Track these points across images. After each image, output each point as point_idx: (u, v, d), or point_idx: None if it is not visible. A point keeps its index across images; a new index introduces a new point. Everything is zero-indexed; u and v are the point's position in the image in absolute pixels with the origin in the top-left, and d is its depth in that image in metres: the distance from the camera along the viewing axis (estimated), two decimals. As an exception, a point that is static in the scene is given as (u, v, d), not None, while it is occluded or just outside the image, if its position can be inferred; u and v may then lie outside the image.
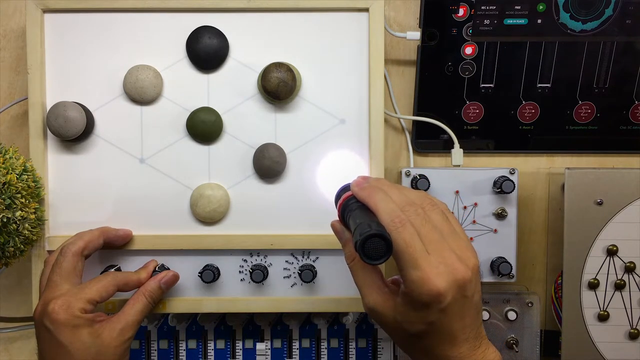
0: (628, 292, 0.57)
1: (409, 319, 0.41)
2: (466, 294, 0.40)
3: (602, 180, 0.56)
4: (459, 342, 0.41)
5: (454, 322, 0.40)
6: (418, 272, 0.39)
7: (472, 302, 0.41)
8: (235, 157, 0.56)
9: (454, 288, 0.39)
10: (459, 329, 0.41)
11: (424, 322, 0.40)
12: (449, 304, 0.39)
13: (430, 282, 0.38)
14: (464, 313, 0.40)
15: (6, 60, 0.61)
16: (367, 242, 0.40)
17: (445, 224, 0.42)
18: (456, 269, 0.39)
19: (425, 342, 0.41)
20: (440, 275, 0.39)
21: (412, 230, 0.40)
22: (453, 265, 0.39)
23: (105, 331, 0.47)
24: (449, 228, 0.42)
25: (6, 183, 0.49)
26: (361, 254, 0.40)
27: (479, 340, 0.42)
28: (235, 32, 0.55)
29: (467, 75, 0.61)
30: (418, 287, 0.39)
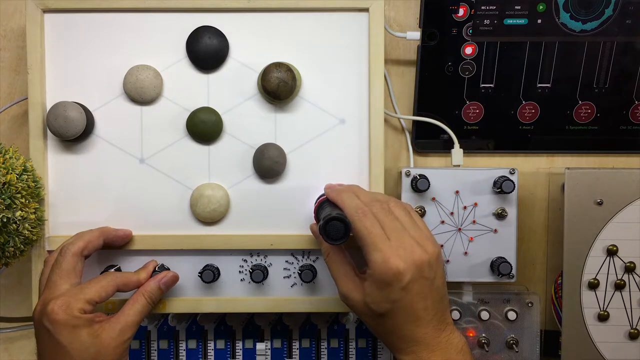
0: (628, 292, 0.57)
1: (375, 299, 0.44)
2: (425, 275, 0.44)
3: (602, 180, 0.56)
4: (423, 323, 0.44)
5: (415, 301, 0.44)
6: (379, 254, 0.44)
7: (432, 285, 0.45)
8: (235, 157, 0.56)
9: (412, 268, 0.43)
10: (421, 309, 0.44)
11: (388, 301, 0.44)
12: (409, 282, 0.43)
13: (390, 262, 0.43)
14: (425, 294, 0.44)
15: (6, 60, 0.61)
16: (328, 225, 0.46)
17: (407, 218, 0.47)
18: (414, 252, 0.44)
19: (392, 321, 0.44)
20: (399, 257, 0.43)
21: (373, 219, 0.46)
22: (411, 249, 0.44)
23: (104, 331, 0.47)
24: (410, 221, 0.47)
25: (6, 183, 0.49)
26: (323, 236, 0.46)
27: (444, 324, 0.45)
28: (235, 32, 0.55)
29: (467, 75, 0.61)
30: (379, 267, 0.43)
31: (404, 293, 0.43)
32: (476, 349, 0.60)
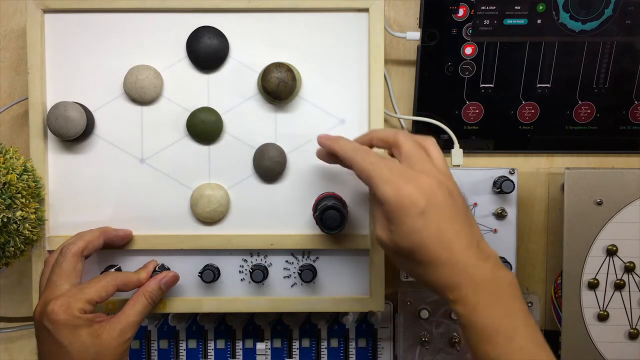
0: (628, 292, 0.57)
1: (401, 234, 0.42)
2: (441, 199, 0.42)
3: (602, 180, 0.56)
4: (458, 249, 0.41)
5: (442, 226, 0.41)
6: (388, 185, 0.42)
7: (455, 207, 0.43)
8: (235, 157, 0.56)
9: (426, 192, 0.42)
10: (451, 233, 0.42)
11: (413, 231, 0.41)
12: (427, 207, 0.41)
13: (402, 190, 0.41)
14: (449, 217, 0.42)
15: (6, 60, 0.62)
16: (324, 214, 0.48)
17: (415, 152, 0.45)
18: (420, 177, 0.42)
19: (425, 254, 0.42)
20: (408, 183, 0.42)
21: (375, 155, 0.45)
22: (417, 177, 0.42)
23: (104, 331, 0.47)
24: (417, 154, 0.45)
25: (6, 183, 0.49)
26: (320, 225, 0.49)
27: (485, 254, 0.42)
28: (235, 32, 0.55)
29: (467, 75, 0.61)
30: (392, 199, 0.42)
31: (425, 220, 0.41)
32: (476, 349, 0.60)
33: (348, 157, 0.46)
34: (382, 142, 0.48)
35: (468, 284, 0.41)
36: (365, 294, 0.56)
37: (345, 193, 0.55)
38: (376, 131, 0.49)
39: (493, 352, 0.40)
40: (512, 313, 0.41)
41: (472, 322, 0.41)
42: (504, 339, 0.40)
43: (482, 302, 0.41)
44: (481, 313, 0.41)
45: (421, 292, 0.61)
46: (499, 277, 0.42)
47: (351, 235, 0.55)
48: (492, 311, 0.41)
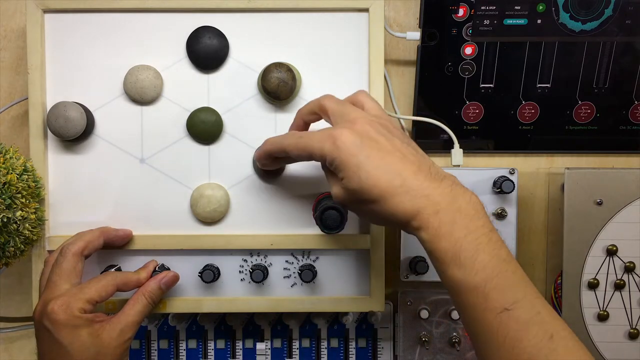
0: (628, 292, 0.57)
1: (346, 177, 0.42)
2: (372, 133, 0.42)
3: (602, 180, 0.56)
4: (408, 176, 0.41)
5: (383, 156, 0.41)
6: (321, 143, 0.43)
7: (393, 138, 0.43)
8: (235, 157, 0.56)
9: (356, 132, 0.42)
10: (395, 162, 0.41)
11: (355, 169, 0.41)
12: (362, 143, 0.42)
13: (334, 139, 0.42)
14: (389, 147, 0.42)
15: (6, 60, 0.62)
16: (324, 214, 0.48)
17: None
18: (349, 124, 0.43)
19: (376, 190, 0.41)
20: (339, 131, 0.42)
21: (303, 132, 0.46)
22: (347, 125, 0.43)
23: (104, 331, 0.47)
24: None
25: (6, 183, 0.49)
26: (320, 225, 0.49)
27: (441, 175, 0.42)
28: (235, 32, 0.55)
29: (467, 75, 0.61)
30: (328, 149, 0.42)
31: (364, 154, 0.41)
32: (476, 349, 0.60)
33: (280, 147, 0.46)
34: (311, 114, 0.49)
35: (427, 207, 0.40)
36: (365, 294, 0.56)
37: (345, 193, 0.55)
38: (301, 109, 0.50)
39: (458, 274, 0.40)
40: (474, 230, 0.40)
41: (436, 245, 0.40)
42: (467, 258, 0.39)
43: (443, 224, 0.40)
44: (443, 235, 0.40)
45: (421, 292, 0.61)
46: (458, 196, 0.41)
47: (351, 235, 0.55)
48: (454, 231, 0.40)
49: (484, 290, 0.39)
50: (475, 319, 0.40)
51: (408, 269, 0.59)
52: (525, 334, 0.38)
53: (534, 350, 0.38)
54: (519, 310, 0.39)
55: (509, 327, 0.38)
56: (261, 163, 0.51)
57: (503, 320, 0.38)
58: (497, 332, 0.39)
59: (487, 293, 0.39)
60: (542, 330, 0.38)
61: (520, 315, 0.38)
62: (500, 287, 0.39)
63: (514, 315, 0.38)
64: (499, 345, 0.39)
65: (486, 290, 0.39)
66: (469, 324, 0.41)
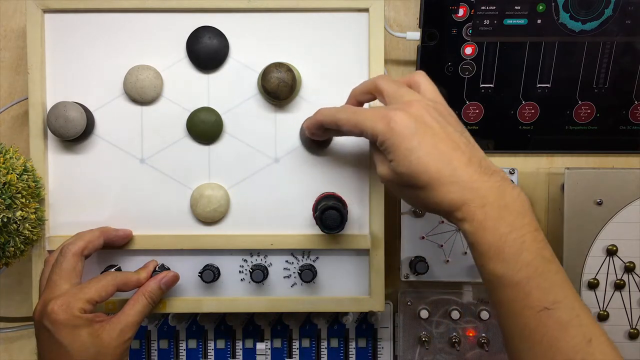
0: (628, 292, 0.57)
1: (396, 160, 0.42)
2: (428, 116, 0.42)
3: (602, 180, 0.56)
4: (459, 166, 0.41)
5: (437, 143, 0.41)
6: (375, 121, 0.42)
7: (448, 126, 0.43)
8: (235, 157, 0.56)
9: (412, 115, 0.42)
10: (448, 151, 0.41)
11: (407, 153, 0.41)
12: (417, 127, 0.41)
13: (388, 119, 0.42)
14: (443, 135, 0.42)
15: (6, 60, 0.62)
16: (324, 214, 0.48)
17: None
18: (405, 106, 0.43)
19: (425, 177, 0.41)
20: (394, 112, 0.42)
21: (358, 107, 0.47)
22: (403, 106, 0.43)
23: (104, 331, 0.47)
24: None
25: (6, 183, 0.49)
26: (320, 225, 0.49)
27: (491, 170, 0.42)
28: (235, 32, 0.55)
29: (467, 75, 0.61)
30: (382, 129, 0.42)
31: (419, 138, 0.41)
32: (476, 349, 0.60)
33: (333, 120, 0.46)
34: (365, 94, 0.48)
35: (474, 200, 0.40)
36: (365, 294, 0.56)
37: (345, 193, 0.55)
38: (355, 88, 0.50)
39: (500, 269, 0.39)
40: (519, 227, 0.40)
41: (479, 238, 0.40)
42: (511, 254, 0.39)
43: (489, 218, 0.40)
44: (488, 229, 0.40)
45: (421, 292, 0.61)
46: (506, 192, 0.41)
47: (351, 235, 0.55)
48: (500, 227, 0.40)
49: (525, 287, 0.39)
50: (513, 316, 0.40)
51: (408, 269, 0.59)
52: (564, 335, 0.38)
53: (571, 352, 0.38)
54: (560, 311, 0.39)
55: (548, 327, 0.38)
56: (310, 132, 0.51)
57: (542, 319, 0.39)
58: (535, 331, 0.39)
59: (529, 291, 0.39)
60: (581, 333, 0.38)
61: (560, 316, 0.38)
62: (542, 286, 0.39)
63: (554, 315, 0.38)
64: (536, 344, 0.39)
65: (528, 288, 0.39)
66: (505, 320, 0.41)
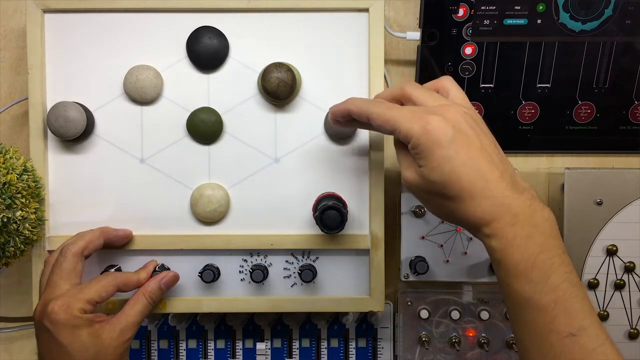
0: (628, 292, 0.57)
1: (432, 165, 0.41)
2: (468, 125, 0.41)
3: (602, 180, 0.56)
4: (493, 178, 0.40)
5: (473, 153, 0.40)
6: (411, 122, 0.41)
7: (485, 135, 0.42)
8: (235, 157, 0.56)
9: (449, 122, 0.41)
10: (483, 163, 0.40)
11: (444, 161, 0.40)
12: (454, 135, 0.40)
13: (426, 122, 0.40)
14: (479, 145, 0.41)
15: (6, 60, 0.62)
16: (324, 214, 0.48)
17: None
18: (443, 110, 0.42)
19: (457, 187, 0.40)
20: (432, 116, 0.41)
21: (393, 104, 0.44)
22: (440, 110, 0.42)
23: (105, 332, 0.47)
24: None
25: (6, 183, 0.49)
26: (320, 225, 0.49)
27: (521, 187, 0.41)
28: (235, 32, 0.55)
29: (467, 75, 0.61)
30: (418, 131, 0.41)
31: (454, 148, 0.40)
32: (476, 349, 0.60)
33: (365, 112, 0.44)
34: (392, 100, 0.47)
35: (504, 217, 0.40)
36: (365, 294, 0.56)
37: (345, 193, 0.55)
38: (381, 94, 0.48)
39: (527, 290, 0.39)
40: (549, 249, 0.39)
41: (507, 256, 0.39)
42: (539, 276, 0.39)
43: (518, 236, 0.39)
44: (517, 248, 0.39)
45: (421, 292, 0.61)
46: (536, 212, 0.40)
47: (351, 235, 0.55)
48: (529, 246, 0.39)
49: (552, 311, 0.38)
50: (537, 338, 0.39)
51: (408, 269, 0.59)
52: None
53: None
54: (585, 338, 0.38)
55: (574, 352, 0.38)
56: (334, 118, 0.49)
57: (567, 344, 0.38)
58: (560, 356, 0.38)
59: (555, 315, 0.38)
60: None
61: (585, 343, 0.38)
62: (568, 312, 0.38)
63: (579, 342, 0.38)
64: None
65: (554, 312, 0.38)
66: (528, 341, 0.40)
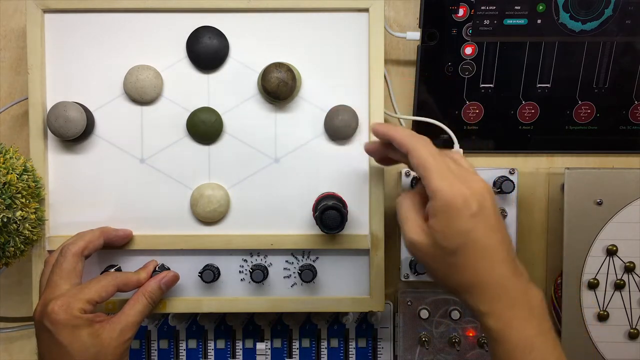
0: (628, 292, 0.57)
1: (445, 233, 0.41)
2: (490, 204, 0.42)
3: (602, 180, 0.56)
4: (498, 260, 0.41)
5: (487, 233, 0.41)
6: (445, 181, 0.41)
7: (500, 217, 0.42)
8: (235, 157, 0.56)
9: (477, 195, 0.41)
10: (494, 243, 0.41)
11: (459, 233, 0.41)
12: (478, 210, 0.41)
13: (455, 187, 0.41)
14: (495, 226, 0.42)
15: (6, 60, 0.62)
16: (324, 214, 0.48)
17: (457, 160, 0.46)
18: (476, 181, 0.42)
19: (465, 259, 0.41)
20: (463, 183, 0.41)
21: (437, 150, 0.44)
22: (471, 179, 0.42)
23: (105, 331, 0.47)
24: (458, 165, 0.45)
25: (6, 183, 0.49)
26: (320, 225, 0.49)
27: (520, 269, 0.42)
28: (235, 32, 0.55)
29: (467, 75, 0.61)
30: (446, 194, 0.41)
31: (474, 222, 0.41)
32: (476, 349, 0.60)
33: (407, 145, 0.44)
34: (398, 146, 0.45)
35: (504, 298, 0.41)
36: (365, 294, 0.56)
37: (345, 193, 0.55)
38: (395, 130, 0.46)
39: None
40: (545, 332, 0.41)
41: (505, 337, 0.41)
42: (537, 358, 0.40)
43: (517, 318, 0.41)
44: (515, 329, 0.41)
45: (421, 292, 0.61)
46: (532, 295, 0.42)
47: (351, 235, 0.55)
48: (527, 328, 0.41)
49: None
50: None
51: (408, 269, 0.59)
52: None
53: None
54: None
55: None
56: (370, 147, 0.50)
57: None
58: None
59: None
60: None
61: None
62: None
63: None
64: None
65: None
66: None
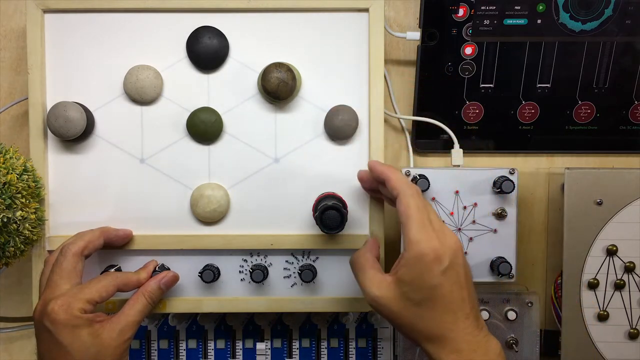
0: (628, 292, 0.57)
1: (414, 286, 0.43)
2: (460, 262, 0.44)
3: (602, 180, 0.56)
4: (462, 316, 0.43)
5: (455, 289, 0.43)
6: (423, 234, 0.43)
7: (467, 275, 0.45)
8: (235, 157, 0.56)
9: (450, 253, 0.43)
10: (460, 299, 0.43)
11: (427, 286, 0.43)
12: (448, 267, 0.43)
13: (433, 242, 0.43)
14: (462, 283, 0.44)
15: (6, 60, 0.62)
16: (324, 214, 0.48)
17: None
18: (451, 237, 0.44)
19: (430, 312, 0.43)
20: (438, 238, 0.43)
21: (425, 202, 0.46)
22: (446, 235, 0.44)
23: (104, 331, 0.47)
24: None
25: (6, 183, 0.49)
26: (320, 225, 0.49)
27: (481, 323, 0.45)
28: (235, 32, 0.55)
29: (467, 75, 0.61)
30: (422, 247, 0.43)
31: (443, 278, 0.43)
32: (476, 349, 0.60)
33: (399, 190, 0.45)
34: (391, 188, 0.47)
35: (466, 351, 0.43)
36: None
37: (345, 193, 0.55)
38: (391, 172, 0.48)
39: None
40: None
41: None
42: None
43: None
44: None
45: (421, 292, 0.61)
46: (491, 347, 0.44)
47: (351, 235, 0.55)
48: None
49: None
50: None
51: (408, 269, 0.59)
52: None
53: None
54: None
55: None
56: (363, 176, 0.52)
57: None
58: None
59: None
60: None
61: None
62: None
63: None
64: None
65: None
66: None
